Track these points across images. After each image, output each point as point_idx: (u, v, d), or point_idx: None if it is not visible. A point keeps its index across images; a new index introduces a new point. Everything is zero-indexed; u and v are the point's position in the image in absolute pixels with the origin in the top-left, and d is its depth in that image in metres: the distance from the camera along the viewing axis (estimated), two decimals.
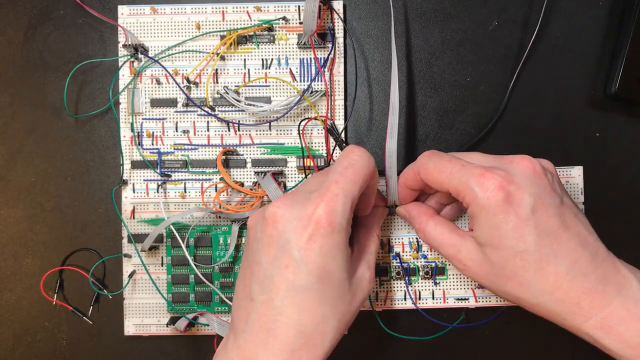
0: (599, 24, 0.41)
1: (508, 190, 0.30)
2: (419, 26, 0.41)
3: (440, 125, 0.41)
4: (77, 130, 0.41)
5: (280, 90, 0.40)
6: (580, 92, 0.41)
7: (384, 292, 0.40)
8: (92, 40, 0.41)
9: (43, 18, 0.41)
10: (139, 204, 0.40)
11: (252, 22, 0.40)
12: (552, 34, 0.41)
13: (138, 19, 0.40)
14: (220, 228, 0.39)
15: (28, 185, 0.41)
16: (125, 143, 0.40)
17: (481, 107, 0.41)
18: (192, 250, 0.39)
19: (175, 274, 0.39)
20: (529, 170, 0.31)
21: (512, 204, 0.29)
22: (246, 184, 0.40)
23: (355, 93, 0.40)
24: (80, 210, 0.41)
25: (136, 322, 0.40)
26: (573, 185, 0.40)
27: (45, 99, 0.41)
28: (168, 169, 0.40)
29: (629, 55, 0.39)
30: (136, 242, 0.39)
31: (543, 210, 0.30)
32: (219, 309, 0.40)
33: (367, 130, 0.41)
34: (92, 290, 0.40)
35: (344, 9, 0.40)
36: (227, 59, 0.40)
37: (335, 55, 0.40)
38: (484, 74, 0.41)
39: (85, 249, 0.41)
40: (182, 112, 0.40)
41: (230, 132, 0.40)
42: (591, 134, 0.41)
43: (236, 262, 0.39)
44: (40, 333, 0.41)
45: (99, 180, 0.41)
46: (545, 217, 0.30)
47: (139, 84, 0.40)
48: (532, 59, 0.40)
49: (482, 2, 0.41)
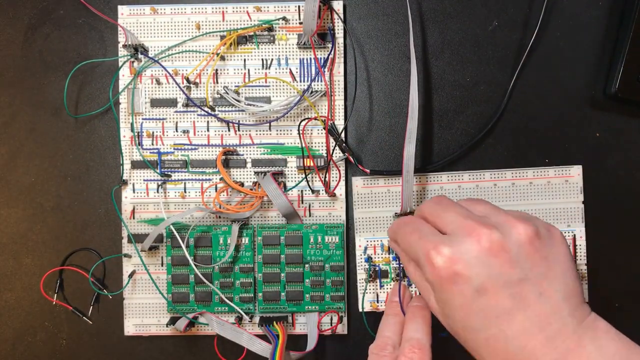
0: (599, 24, 0.41)
1: (453, 270, 0.29)
2: (419, 26, 0.41)
3: (440, 125, 0.41)
4: (77, 130, 0.41)
5: (280, 90, 0.40)
6: (580, 92, 0.41)
7: (384, 293, 0.40)
8: (92, 40, 0.41)
9: (43, 18, 0.41)
10: (139, 204, 0.40)
11: (252, 22, 0.40)
12: (552, 34, 0.41)
13: (138, 19, 0.40)
14: (220, 228, 0.39)
15: (28, 185, 0.41)
16: (125, 143, 0.40)
17: (481, 107, 0.41)
18: (192, 250, 0.39)
19: (175, 274, 0.39)
20: (483, 249, 0.29)
21: (458, 284, 0.29)
22: (246, 184, 0.40)
23: (355, 93, 0.40)
24: (80, 210, 0.41)
25: (136, 322, 0.40)
26: (572, 184, 0.40)
27: (45, 99, 0.41)
28: (168, 169, 0.40)
29: (629, 55, 0.39)
30: (136, 242, 0.39)
31: (493, 292, 0.28)
32: (219, 309, 0.40)
33: (367, 130, 0.41)
34: (92, 290, 0.40)
35: (344, 9, 0.40)
36: (227, 59, 0.40)
37: (335, 55, 0.40)
38: (484, 74, 0.41)
39: (85, 249, 0.41)
40: (182, 112, 0.40)
41: (230, 132, 0.40)
42: (591, 134, 0.41)
43: (236, 262, 0.39)
44: (40, 333, 0.41)
45: (99, 180, 0.41)
46: (495, 298, 0.28)
47: (139, 84, 0.40)
48: (532, 59, 0.40)
49: (482, 2, 0.41)
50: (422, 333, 0.34)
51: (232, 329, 0.38)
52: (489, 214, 0.31)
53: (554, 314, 0.28)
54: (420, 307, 0.36)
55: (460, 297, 0.29)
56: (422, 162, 0.40)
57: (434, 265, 0.29)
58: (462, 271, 0.29)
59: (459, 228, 0.30)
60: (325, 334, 0.40)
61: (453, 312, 0.30)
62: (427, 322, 0.35)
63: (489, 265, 0.28)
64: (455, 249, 0.29)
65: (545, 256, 0.29)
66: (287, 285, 0.39)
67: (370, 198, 0.40)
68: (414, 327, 0.35)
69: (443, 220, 0.32)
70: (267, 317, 0.40)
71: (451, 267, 0.29)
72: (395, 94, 0.41)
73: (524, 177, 0.40)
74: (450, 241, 0.30)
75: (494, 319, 0.28)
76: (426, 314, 0.36)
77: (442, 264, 0.29)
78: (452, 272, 0.29)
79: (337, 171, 0.40)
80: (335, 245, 0.39)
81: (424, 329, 0.34)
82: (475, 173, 0.40)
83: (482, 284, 0.28)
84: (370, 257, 0.40)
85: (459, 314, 0.29)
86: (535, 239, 0.29)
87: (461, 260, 0.29)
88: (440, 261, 0.29)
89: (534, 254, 0.29)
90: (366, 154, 0.41)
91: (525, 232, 0.29)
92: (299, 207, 0.40)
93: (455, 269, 0.29)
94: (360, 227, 0.40)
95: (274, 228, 0.39)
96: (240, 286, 0.39)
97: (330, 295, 0.39)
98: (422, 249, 0.30)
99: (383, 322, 0.37)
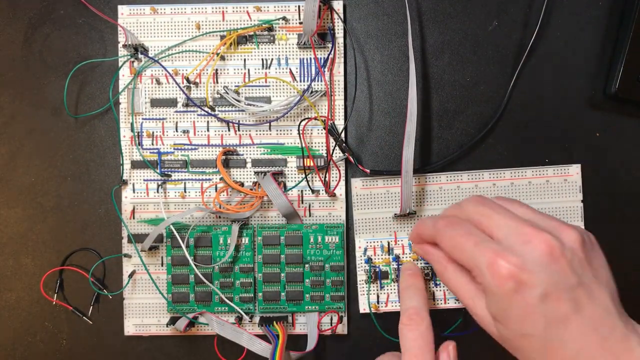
0: (599, 24, 0.41)
1: (519, 279, 0.28)
2: (418, 26, 0.41)
3: (440, 125, 0.41)
4: (77, 130, 0.41)
5: (280, 90, 0.40)
6: (580, 92, 0.41)
7: (384, 294, 0.40)
8: (92, 40, 0.41)
9: (43, 18, 0.41)
10: (139, 204, 0.40)
11: (252, 22, 0.40)
12: (552, 34, 0.41)
13: (138, 19, 0.40)
14: (220, 228, 0.39)
15: (28, 185, 0.41)
16: (125, 143, 0.40)
17: (481, 107, 0.41)
18: (192, 250, 0.39)
19: (175, 274, 0.39)
20: (545, 255, 0.29)
21: (522, 292, 0.29)
22: (246, 184, 0.40)
23: (355, 93, 0.40)
24: (80, 210, 0.41)
25: (136, 322, 0.40)
26: (571, 183, 0.40)
27: (45, 99, 0.41)
28: (168, 169, 0.40)
29: (629, 55, 0.39)
30: (136, 242, 0.39)
31: (555, 297, 0.28)
32: (219, 309, 0.40)
33: (367, 130, 0.41)
34: (92, 290, 0.40)
35: (344, 9, 0.40)
36: (227, 59, 0.40)
37: (335, 55, 0.40)
38: (484, 74, 0.41)
39: (85, 249, 0.41)
40: (182, 112, 0.40)
41: (230, 132, 0.40)
42: (591, 134, 0.41)
43: (236, 262, 0.39)
44: (40, 333, 0.41)
45: (99, 180, 0.41)
46: (557, 303, 0.28)
47: (139, 84, 0.40)
48: (532, 59, 0.40)
49: (482, 2, 0.41)
50: (417, 300, 0.35)
51: (232, 329, 0.38)
52: (533, 217, 0.31)
53: (606, 316, 0.29)
54: (412, 275, 0.37)
55: (522, 304, 0.29)
56: (422, 162, 0.40)
57: (499, 275, 0.29)
58: (528, 280, 0.28)
59: (515, 235, 0.30)
60: (325, 334, 0.40)
61: (511, 320, 0.29)
62: (420, 289, 0.36)
63: (552, 271, 0.29)
64: (519, 257, 0.29)
65: (591, 260, 0.30)
66: (287, 285, 0.39)
67: (369, 199, 0.40)
68: (408, 295, 0.36)
69: (494, 223, 0.31)
70: (267, 317, 0.40)
71: (518, 276, 0.28)
72: (395, 94, 0.41)
73: (523, 177, 0.40)
74: (512, 249, 0.29)
75: (555, 324, 0.28)
76: (417, 281, 0.37)
77: (508, 274, 0.29)
78: (517, 281, 0.29)
79: (337, 171, 0.40)
80: (335, 245, 0.39)
81: (418, 296, 0.35)
82: (474, 173, 0.40)
83: (546, 290, 0.28)
84: (370, 258, 0.40)
85: (519, 321, 0.29)
86: (583, 244, 0.30)
87: (525, 269, 0.29)
88: (506, 271, 0.29)
89: (584, 259, 0.30)
90: (366, 154, 0.41)
91: (576, 237, 0.30)
92: (299, 207, 0.40)
93: (521, 278, 0.28)
94: (359, 228, 0.40)
95: (274, 228, 0.39)
96: (240, 286, 0.39)
97: (330, 295, 0.39)
98: (483, 256, 0.30)
99: (402, 296, 0.37)
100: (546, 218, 0.31)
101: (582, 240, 0.30)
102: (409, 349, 0.33)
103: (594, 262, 0.30)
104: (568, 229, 0.30)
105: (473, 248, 0.30)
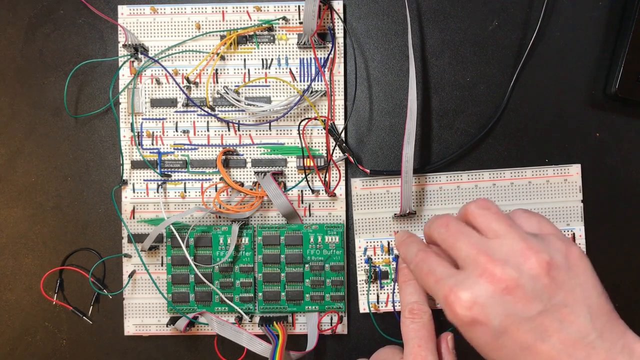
0: (599, 24, 0.41)
1: (471, 316, 0.28)
2: (418, 26, 0.41)
3: (440, 125, 0.41)
4: (77, 130, 0.41)
5: (280, 90, 0.40)
6: (580, 92, 0.41)
7: (384, 294, 0.40)
8: (92, 40, 0.41)
9: (43, 18, 0.41)
10: (139, 204, 0.40)
11: (252, 22, 0.40)
12: (552, 34, 0.41)
13: (138, 19, 0.40)
14: (220, 228, 0.39)
15: (28, 185, 0.41)
16: (125, 143, 0.40)
17: (481, 107, 0.41)
18: (192, 250, 0.39)
19: (175, 274, 0.39)
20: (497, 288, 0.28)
21: (478, 327, 0.29)
22: (246, 184, 0.40)
23: (355, 93, 0.40)
24: (80, 210, 0.41)
25: (136, 322, 0.40)
26: (571, 183, 0.40)
27: (45, 99, 0.41)
28: (168, 169, 0.40)
29: (629, 55, 0.39)
30: (136, 242, 0.39)
31: (513, 329, 0.28)
32: (218, 309, 0.40)
33: (367, 130, 0.41)
34: (92, 290, 0.40)
35: (344, 9, 0.40)
36: (227, 59, 0.40)
37: (335, 55, 0.40)
38: (484, 74, 0.41)
39: (85, 249, 0.41)
40: (182, 112, 0.40)
41: (230, 132, 0.40)
42: (591, 134, 0.41)
43: (236, 262, 0.39)
44: (40, 333, 0.41)
45: (99, 180, 0.41)
46: (517, 334, 0.28)
47: (139, 84, 0.40)
48: (532, 59, 0.40)
49: (482, 2, 0.41)
50: (417, 295, 0.36)
51: (232, 329, 0.38)
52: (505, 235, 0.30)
53: (580, 339, 0.27)
54: (406, 243, 0.37)
55: (482, 337, 0.29)
56: (422, 162, 0.40)
57: (454, 312, 0.29)
58: (479, 316, 0.28)
59: (472, 266, 0.29)
60: (325, 334, 0.40)
61: (479, 348, 0.30)
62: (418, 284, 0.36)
63: (506, 304, 0.28)
64: (471, 293, 0.29)
65: (562, 283, 0.29)
66: (287, 285, 0.39)
67: (369, 199, 0.40)
68: (409, 292, 0.36)
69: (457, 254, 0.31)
70: (267, 317, 0.40)
71: (470, 312, 0.28)
72: (395, 94, 0.41)
73: (523, 177, 0.40)
74: (466, 283, 0.29)
75: (520, 352, 0.28)
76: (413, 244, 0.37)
77: (461, 310, 0.29)
78: (471, 318, 0.29)
79: (337, 171, 0.40)
80: (335, 245, 0.39)
81: (418, 291, 0.36)
82: (474, 173, 0.40)
83: (501, 323, 0.28)
84: (370, 258, 0.40)
85: (484, 350, 0.29)
86: (550, 268, 0.28)
87: (477, 304, 0.28)
88: (459, 308, 0.29)
89: (550, 284, 0.28)
90: (366, 154, 0.41)
91: (538, 265, 0.28)
92: (299, 207, 0.40)
93: (473, 314, 0.28)
94: (359, 228, 0.40)
95: (274, 228, 0.39)
96: (240, 286, 0.39)
97: (330, 295, 0.39)
98: (440, 291, 0.30)
99: (401, 291, 0.37)
100: (516, 237, 0.30)
101: (546, 266, 0.28)
102: (412, 338, 0.34)
103: (568, 282, 0.29)
104: (531, 255, 0.29)
105: (434, 285, 0.31)
